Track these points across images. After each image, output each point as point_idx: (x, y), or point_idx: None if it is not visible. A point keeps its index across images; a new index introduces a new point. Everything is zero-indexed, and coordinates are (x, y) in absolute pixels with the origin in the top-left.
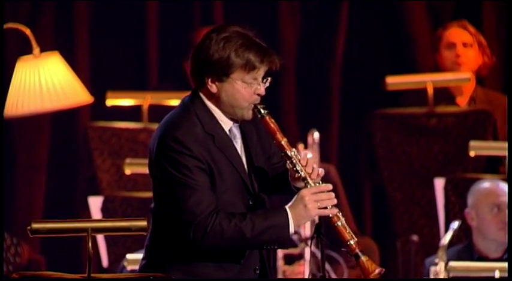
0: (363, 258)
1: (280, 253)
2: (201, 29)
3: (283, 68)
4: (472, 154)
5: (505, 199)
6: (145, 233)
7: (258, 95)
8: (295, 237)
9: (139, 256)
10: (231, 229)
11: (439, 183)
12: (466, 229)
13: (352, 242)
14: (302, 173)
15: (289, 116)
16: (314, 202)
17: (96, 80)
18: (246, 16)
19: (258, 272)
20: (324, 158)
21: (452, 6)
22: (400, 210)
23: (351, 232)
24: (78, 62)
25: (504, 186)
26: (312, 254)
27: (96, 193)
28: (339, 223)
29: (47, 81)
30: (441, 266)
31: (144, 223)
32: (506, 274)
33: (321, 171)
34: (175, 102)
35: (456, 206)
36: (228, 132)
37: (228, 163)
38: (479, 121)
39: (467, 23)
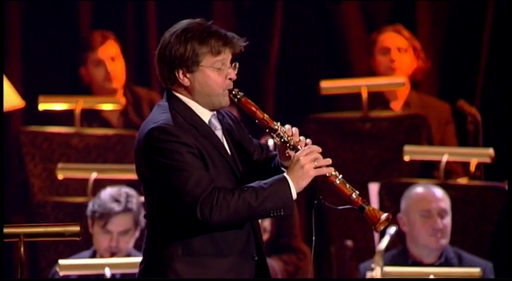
0: (369, 208)
1: None
2: (94, 31)
3: None
4: (406, 158)
5: (437, 205)
6: (78, 239)
7: (230, 79)
8: None
9: (72, 261)
10: (235, 200)
11: (374, 188)
12: (400, 234)
13: (354, 195)
14: (291, 142)
15: None
16: (310, 162)
17: (28, 84)
18: (179, 18)
19: (256, 259)
20: None
21: (386, 10)
22: (334, 215)
23: (351, 187)
24: (10, 65)
25: (438, 191)
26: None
27: (27, 197)
28: (337, 181)
29: None
30: (377, 271)
31: (77, 228)
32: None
33: (309, 140)
34: (107, 106)
35: (390, 211)
36: (208, 124)
37: (215, 150)
38: (413, 126)
39: (402, 27)
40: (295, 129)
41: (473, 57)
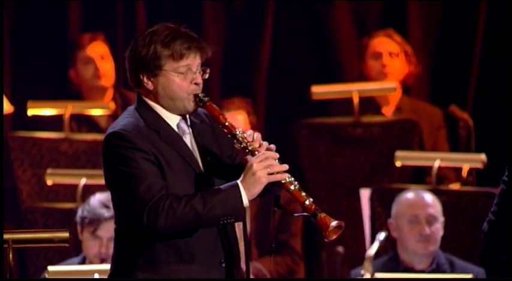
0: (320, 215)
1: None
2: (82, 34)
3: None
4: (398, 164)
5: (426, 211)
6: (67, 245)
7: (196, 84)
8: None
9: (61, 268)
10: (182, 206)
11: (365, 193)
12: (392, 239)
13: (307, 202)
14: (250, 148)
15: None
16: (263, 168)
17: (17, 89)
18: (169, 19)
19: (224, 265)
20: None
21: (377, 14)
22: None
23: (305, 194)
24: None
25: (428, 197)
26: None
27: (16, 203)
28: (292, 187)
29: None
30: (367, 277)
31: (66, 235)
32: None
33: (272, 146)
34: (97, 111)
35: (382, 217)
36: (176, 128)
37: (177, 156)
38: (405, 131)
39: (393, 31)
40: (256, 135)
41: (465, 62)
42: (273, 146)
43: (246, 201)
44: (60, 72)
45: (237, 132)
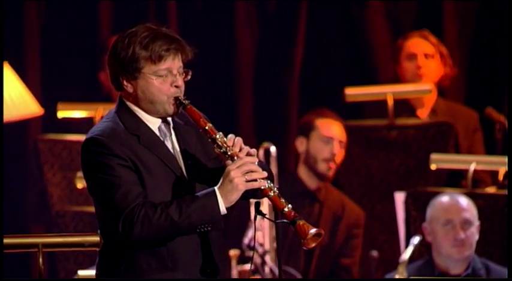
0: (299, 222)
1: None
2: (112, 36)
3: (241, 79)
4: (433, 167)
5: (460, 215)
6: (97, 249)
7: (176, 87)
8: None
9: (91, 272)
10: (157, 215)
11: (400, 197)
12: (427, 243)
13: (286, 209)
14: (229, 153)
15: (246, 129)
16: (240, 175)
17: (47, 91)
18: (203, 28)
19: (208, 270)
20: (281, 171)
21: (412, 15)
22: None
23: (285, 200)
24: (29, 72)
25: (463, 201)
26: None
27: (46, 207)
28: (272, 193)
29: None
30: None
31: (96, 238)
32: None
33: (253, 150)
34: None
35: (417, 221)
36: (157, 131)
37: (157, 160)
38: (440, 133)
39: (429, 32)
40: (237, 139)
41: (501, 63)
42: (253, 150)
43: (223, 208)
44: (91, 74)
45: (217, 137)
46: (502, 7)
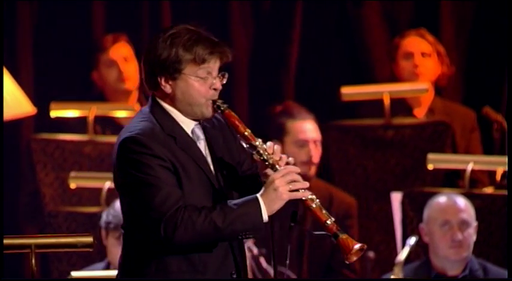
0: (342, 236)
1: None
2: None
3: (236, 78)
4: (430, 167)
5: (458, 215)
6: (91, 250)
7: (215, 90)
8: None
9: (85, 273)
10: (201, 220)
11: (396, 197)
12: (424, 244)
13: (329, 222)
14: (270, 161)
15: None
16: (284, 184)
17: (40, 91)
18: (195, 20)
19: (234, 276)
20: None
21: (409, 13)
22: None
23: (327, 213)
24: (21, 72)
25: (461, 201)
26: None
27: (38, 207)
28: (314, 205)
29: None
30: None
31: (90, 239)
32: None
33: (291, 159)
34: (121, 113)
35: (414, 222)
36: (190, 134)
37: (193, 163)
38: (437, 133)
39: (426, 31)
40: (276, 147)
41: (499, 62)
42: (291, 159)
43: (265, 216)
44: (84, 74)
45: (258, 144)
46: (499, 6)
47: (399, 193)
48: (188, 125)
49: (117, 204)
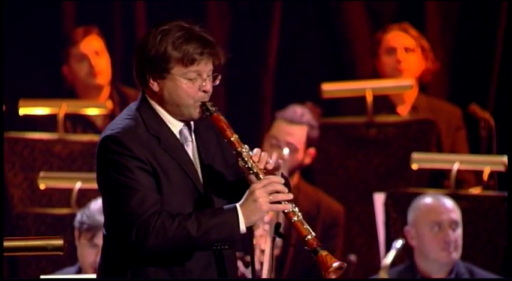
0: (322, 253)
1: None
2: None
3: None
4: (414, 166)
5: (448, 216)
6: (61, 253)
7: (204, 91)
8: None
9: (54, 277)
10: (174, 227)
11: (379, 198)
12: (408, 248)
13: (309, 237)
14: (254, 169)
15: None
16: (265, 195)
17: (8, 87)
18: (171, 14)
19: None
20: None
21: (393, 8)
22: None
23: (308, 228)
24: None
25: (448, 202)
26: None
27: (6, 209)
28: (295, 218)
29: None
30: None
31: (60, 242)
32: None
33: (280, 161)
34: (93, 111)
35: (397, 223)
36: (178, 135)
37: (176, 165)
38: (422, 131)
39: (409, 25)
40: (263, 155)
41: (486, 58)
42: (281, 161)
43: (243, 227)
44: (54, 69)
45: (243, 150)
46: (486, 1)
47: (382, 194)
48: (176, 125)
49: (93, 205)
